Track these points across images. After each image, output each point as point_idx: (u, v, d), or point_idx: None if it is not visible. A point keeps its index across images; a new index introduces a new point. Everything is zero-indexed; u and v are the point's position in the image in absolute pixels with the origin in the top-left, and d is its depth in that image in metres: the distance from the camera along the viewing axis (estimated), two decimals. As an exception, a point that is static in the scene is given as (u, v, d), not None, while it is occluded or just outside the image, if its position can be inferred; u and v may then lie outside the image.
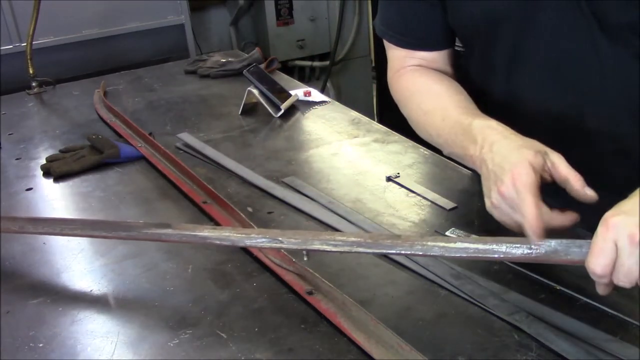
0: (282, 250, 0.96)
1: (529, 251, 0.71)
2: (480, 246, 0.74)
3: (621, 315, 0.81)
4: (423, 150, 1.35)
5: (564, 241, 0.70)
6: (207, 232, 0.92)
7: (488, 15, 0.93)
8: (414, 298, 0.89)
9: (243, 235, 0.89)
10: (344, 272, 0.96)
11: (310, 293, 0.89)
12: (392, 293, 0.91)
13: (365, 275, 0.95)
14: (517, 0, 0.88)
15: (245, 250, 1.02)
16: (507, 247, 0.72)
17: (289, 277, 0.93)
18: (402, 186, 1.21)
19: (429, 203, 1.14)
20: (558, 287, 0.87)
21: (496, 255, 0.73)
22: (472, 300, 0.86)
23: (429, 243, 0.77)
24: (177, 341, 0.84)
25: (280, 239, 0.85)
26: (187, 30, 2.76)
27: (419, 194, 1.17)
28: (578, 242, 0.70)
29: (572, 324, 0.80)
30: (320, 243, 0.83)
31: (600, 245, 0.66)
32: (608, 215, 0.67)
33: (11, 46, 2.40)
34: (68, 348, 0.85)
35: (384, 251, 0.81)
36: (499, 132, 0.83)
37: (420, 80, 1.05)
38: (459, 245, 0.75)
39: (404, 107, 1.08)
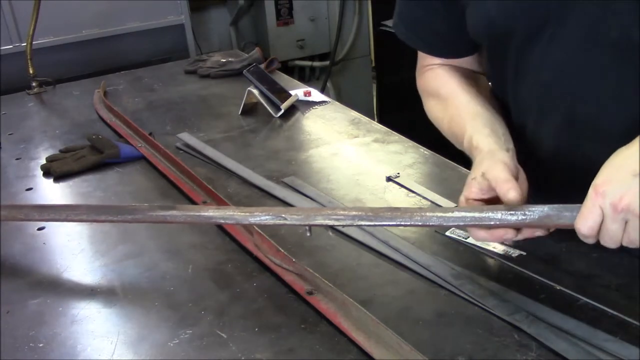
0: (282, 250, 0.96)
1: (524, 217, 0.73)
2: (477, 214, 0.75)
3: (621, 315, 0.81)
4: (423, 150, 1.35)
5: (556, 206, 0.72)
6: (211, 212, 0.92)
7: (492, 29, 0.91)
8: (414, 298, 0.89)
9: (247, 214, 0.88)
10: (344, 272, 0.96)
11: (310, 293, 0.89)
12: (392, 293, 0.91)
13: (366, 275, 0.95)
14: (528, 14, 0.85)
15: (245, 250, 1.02)
16: (502, 214, 0.74)
17: (289, 277, 0.93)
18: (402, 186, 1.21)
19: (429, 203, 1.14)
20: (558, 287, 0.87)
21: (492, 222, 0.74)
22: (472, 300, 0.86)
23: (427, 214, 0.78)
24: (177, 341, 0.85)
25: (283, 215, 0.85)
26: (187, 30, 2.76)
27: (419, 194, 1.17)
28: (570, 206, 0.72)
29: (572, 324, 0.80)
30: (323, 218, 0.83)
31: (588, 209, 0.70)
32: (599, 181, 0.70)
33: (11, 46, 2.40)
34: (68, 348, 0.85)
35: (385, 223, 0.82)
36: (477, 162, 0.84)
37: (435, 83, 1.03)
38: (456, 214, 0.76)
39: (423, 104, 1.08)
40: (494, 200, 0.78)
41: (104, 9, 2.57)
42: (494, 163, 0.79)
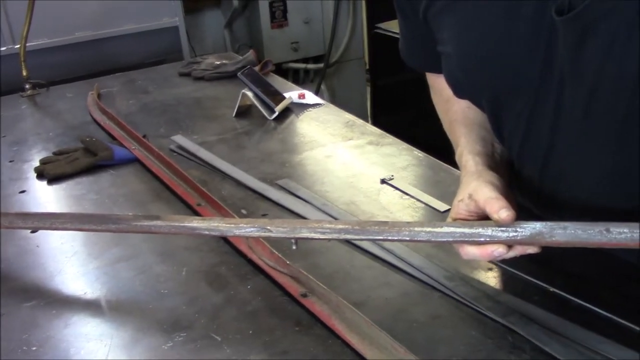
0: (276, 253, 0.96)
1: (515, 234, 0.71)
2: (467, 230, 0.73)
3: (615, 317, 0.81)
4: (417, 152, 1.35)
5: (549, 223, 0.70)
6: (196, 223, 0.91)
7: (459, 89, 0.88)
8: (408, 300, 0.90)
9: (232, 225, 0.88)
10: (338, 275, 0.96)
11: (304, 295, 0.89)
12: (386, 295, 0.91)
13: (359, 277, 0.96)
14: (492, 87, 0.82)
15: (240, 253, 1.02)
16: (492, 230, 0.72)
17: (283, 280, 0.93)
18: (396, 188, 1.21)
19: (423, 205, 1.14)
20: (552, 289, 0.88)
21: (482, 239, 0.72)
22: (466, 302, 0.87)
23: (416, 228, 0.76)
24: (171, 344, 0.84)
25: (268, 227, 0.84)
26: (181, 32, 2.75)
27: (412, 196, 1.17)
28: (562, 224, 0.70)
29: (566, 326, 0.80)
30: (309, 231, 0.82)
31: None
32: None
33: (4, 48, 2.39)
34: (61, 351, 0.85)
35: (372, 237, 0.80)
36: (464, 183, 0.82)
37: (441, 82, 1.01)
38: (445, 230, 0.74)
39: (431, 94, 1.07)
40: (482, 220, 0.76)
41: (98, 11, 2.56)
42: (481, 184, 0.77)
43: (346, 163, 1.36)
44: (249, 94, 1.64)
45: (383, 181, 1.24)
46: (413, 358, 0.73)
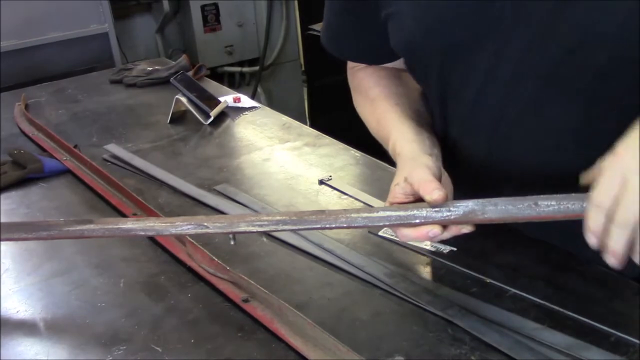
0: (216, 259, 0.95)
1: (449, 213, 0.73)
2: (402, 213, 0.75)
3: (547, 304, 0.84)
4: (354, 152, 1.36)
5: (480, 201, 0.72)
6: (130, 224, 0.89)
7: (411, 50, 0.89)
8: (350, 299, 0.90)
9: (168, 224, 0.86)
10: (280, 278, 0.96)
11: (246, 300, 0.89)
12: (328, 295, 0.91)
13: (301, 279, 0.96)
14: (448, 37, 0.83)
15: (179, 261, 1.01)
16: (427, 211, 0.73)
17: (223, 286, 0.92)
18: (335, 189, 1.21)
19: (361, 204, 1.15)
20: (488, 280, 0.90)
21: (417, 220, 0.74)
22: (406, 297, 0.88)
23: (352, 215, 0.77)
24: (111, 358, 0.82)
25: (205, 224, 0.83)
26: (111, 39, 2.70)
27: (351, 196, 1.18)
28: (493, 200, 0.72)
29: (502, 315, 0.82)
30: (247, 225, 0.82)
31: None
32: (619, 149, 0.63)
33: None
34: (-6, 373, 0.82)
35: (310, 227, 0.80)
36: (399, 168, 0.84)
37: (365, 83, 1.02)
38: (381, 214, 0.76)
39: (353, 98, 1.08)
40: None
41: (23, 18, 2.48)
42: (416, 167, 0.79)
43: (284, 165, 1.36)
44: (183, 99, 1.62)
45: (321, 182, 1.24)
46: (356, 357, 0.74)
